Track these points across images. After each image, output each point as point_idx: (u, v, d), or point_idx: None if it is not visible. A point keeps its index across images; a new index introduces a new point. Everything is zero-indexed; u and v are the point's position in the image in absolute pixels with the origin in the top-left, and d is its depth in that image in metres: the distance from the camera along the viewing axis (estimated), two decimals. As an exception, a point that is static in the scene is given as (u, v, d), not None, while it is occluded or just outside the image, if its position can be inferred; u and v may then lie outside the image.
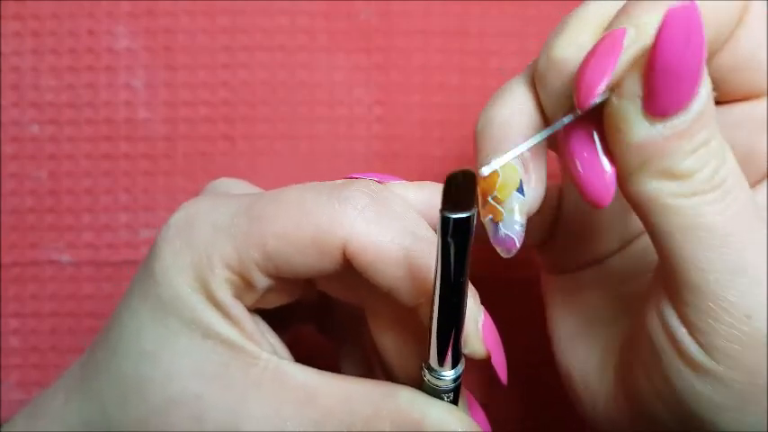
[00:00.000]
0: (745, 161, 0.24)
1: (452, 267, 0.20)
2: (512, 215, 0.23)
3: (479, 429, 0.24)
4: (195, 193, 0.28)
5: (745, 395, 0.22)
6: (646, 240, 0.24)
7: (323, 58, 0.37)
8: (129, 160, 0.37)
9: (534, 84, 0.24)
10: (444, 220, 0.19)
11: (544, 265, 0.30)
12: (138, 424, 0.23)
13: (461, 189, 0.19)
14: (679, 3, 0.20)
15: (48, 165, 0.37)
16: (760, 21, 0.24)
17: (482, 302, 0.24)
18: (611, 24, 0.22)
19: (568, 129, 0.23)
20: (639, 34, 0.21)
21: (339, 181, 0.24)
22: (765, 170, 0.25)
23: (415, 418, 0.23)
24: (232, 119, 0.37)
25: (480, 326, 0.23)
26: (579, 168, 0.22)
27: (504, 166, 0.23)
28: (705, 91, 0.21)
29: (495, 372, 0.24)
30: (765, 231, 0.22)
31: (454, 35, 0.37)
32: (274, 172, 0.37)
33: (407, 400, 0.23)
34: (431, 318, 0.21)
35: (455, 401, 0.24)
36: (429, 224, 0.24)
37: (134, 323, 0.24)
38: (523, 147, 0.23)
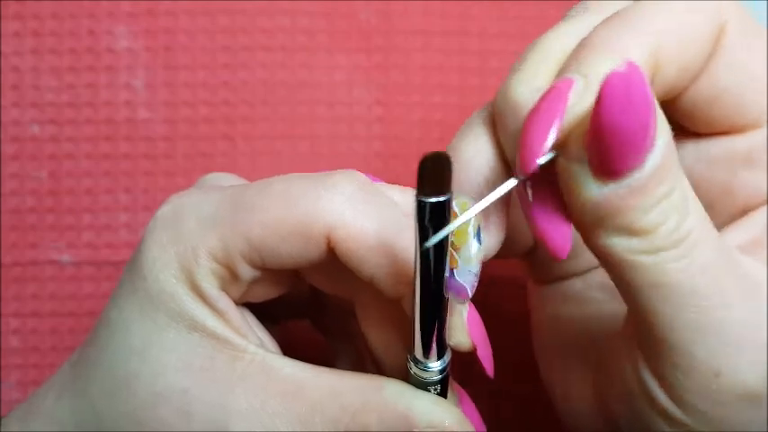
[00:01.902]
0: (721, 197, 0.23)
1: (432, 255, 0.20)
2: (468, 264, 0.21)
3: (467, 421, 0.24)
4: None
5: None
6: None
7: (323, 58, 0.37)
8: (130, 160, 0.37)
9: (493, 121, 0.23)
10: (420, 205, 0.19)
11: (530, 273, 0.29)
12: (127, 419, 0.23)
13: (436, 172, 0.18)
14: (618, 65, 0.19)
15: (48, 165, 0.37)
16: (740, 46, 0.23)
17: (475, 301, 0.24)
18: (563, 68, 0.21)
19: (523, 183, 0.21)
20: (586, 88, 0.20)
21: (327, 173, 0.24)
22: (743, 206, 0.24)
23: (403, 411, 0.23)
24: (232, 119, 0.37)
25: (465, 318, 0.23)
26: (536, 224, 0.21)
27: (463, 207, 0.21)
28: (662, 142, 0.20)
29: (482, 365, 0.24)
30: (734, 283, 0.21)
31: (454, 35, 0.37)
32: (274, 172, 0.36)
33: (395, 392, 0.23)
34: (413, 308, 0.21)
35: (443, 394, 0.24)
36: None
37: (122, 318, 0.24)
38: (466, 216, 0.21)
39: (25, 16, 0.37)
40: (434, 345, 0.22)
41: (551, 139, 0.20)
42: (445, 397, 0.24)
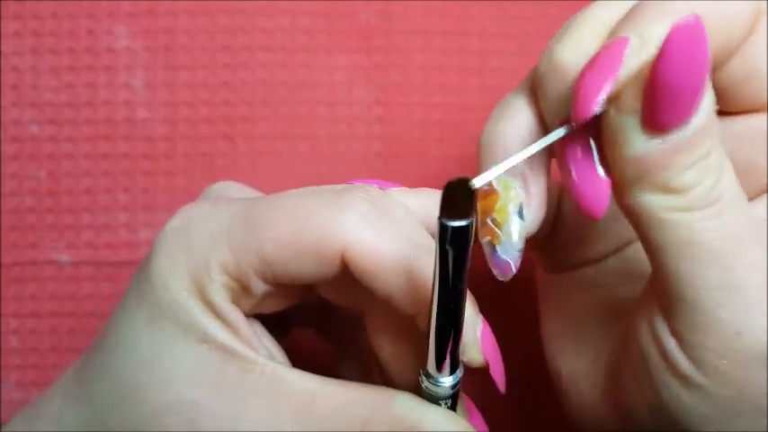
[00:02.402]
0: (745, 174, 0.23)
1: (450, 275, 0.20)
2: (510, 239, 0.22)
3: None
4: (195, 192, 0.28)
5: (733, 410, 0.22)
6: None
7: (323, 58, 0.37)
8: (129, 160, 0.37)
9: (534, 92, 0.24)
10: (442, 228, 0.19)
11: (541, 263, 0.30)
12: (133, 428, 0.23)
13: (460, 196, 0.19)
14: (684, 18, 0.20)
15: (47, 165, 0.37)
16: None
17: (480, 301, 0.24)
18: (615, 30, 0.22)
19: (565, 137, 0.22)
20: (642, 45, 0.21)
21: (339, 186, 0.24)
22: (764, 184, 0.25)
23: (413, 424, 0.23)
24: (232, 119, 0.37)
25: (479, 334, 0.23)
26: (575, 178, 0.22)
27: (504, 187, 0.23)
28: (707, 105, 0.21)
29: (494, 381, 0.24)
30: (760, 250, 0.22)
31: (454, 35, 0.37)
32: (274, 172, 0.37)
33: (405, 405, 0.23)
34: (429, 325, 0.21)
35: (453, 408, 0.24)
36: (429, 231, 0.24)
37: (131, 327, 0.24)
38: (517, 158, 0.22)
39: (25, 16, 0.37)
40: (448, 361, 0.22)
41: (608, 88, 0.21)
42: (455, 410, 0.24)
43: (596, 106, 0.21)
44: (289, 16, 0.37)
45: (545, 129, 0.24)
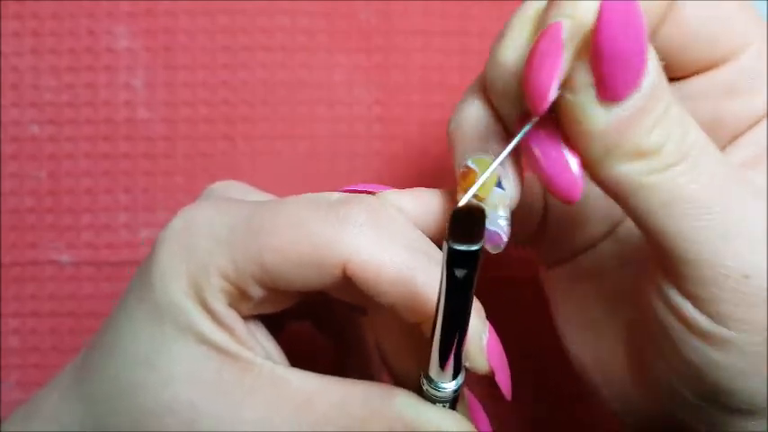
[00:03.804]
0: (711, 128, 0.24)
1: (457, 296, 0.20)
2: (495, 211, 0.23)
3: None
4: (195, 192, 0.28)
5: (763, 356, 0.22)
6: None
7: (323, 58, 0.37)
8: (129, 160, 0.37)
9: (485, 90, 0.24)
10: (450, 252, 0.19)
11: (540, 259, 0.30)
12: (130, 427, 0.23)
13: (469, 222, 0.19)
14: None
15: (47, 165, 0.37)
16: None
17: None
18: (543, 19, 0.22)
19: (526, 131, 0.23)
20: (575, 25, 0.21)
21: (336, 195, 0.24)
22: (731, 134, 0.25)
23: (412, 423, 0.23)
24: (232, 119, 0.37)
25: (484, 343, 0.23)
26: (544, 167, 0.22)
27: (480, 164, 0.23)
28: (653, 64, 0.21)
29: (499, 388, 0.24)
30: (744, 188, 0.22)
31: (454, 35, 0.37)
32: (274, 172, 0.37)
33: (404, 404, 0.23)
34: (432, 334, 0.21)
35: (453, 408, 0.24)
36: (427, 234, 0.24)
37: (130, 327, 0.24)
38: (494, 165, 0.23)
39: (25, 16, 0.37)
40: (450, 367, 0.22)
41: (558, 74, 0.21)
42: (455, 410, 0.24)
43: (550, 96, 0.21)
44: (289, 16, 0.37)
45: (498, 118, 0.24)
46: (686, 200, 0.22)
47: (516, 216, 0.24)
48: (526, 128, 0.22)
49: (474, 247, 0.19)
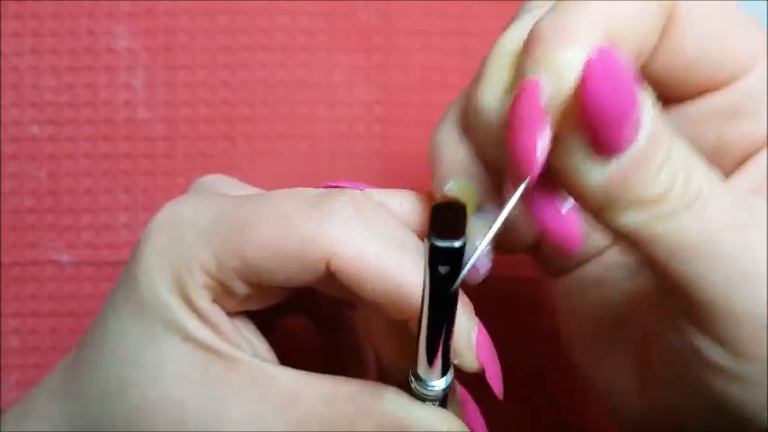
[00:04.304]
0: (715, 153, 0.23)
1: (441, 293, 0.20)
2: (471, 242, 0.21)
3: (467, 430, 0.23)
4: (195, 192, 0.28)
5: None
6: None
7: (323, 58, 0.37)
8: (129, 160, 0.37)
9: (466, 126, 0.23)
10: (432, 249, 0.19)
11: (543, 269, 0.29)
12: (120, 425, 0.23)
13: (451, 217, 0.19)
14: (592, 52, 0.19)
15: (47, 165, 0.37)
16: (696, 8, 0.23)
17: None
18: (519, 67, 0.21)
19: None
20: (555, 85, 0.20)
21: (320, 190, 0.24)
22: (738, 156, 0.24)
23: (401, 422, 0.23)
24: (232, 119, 0.37)
25: (473, 340, 0.23)
26: (542, 223, 0.22)
27: (461, 189, 0.22)
28: (648, 112, 0.20)
29: (491, 386, 0.24)
30: (756, 229, 0.21)
31: (454, 35, 0.37)
32: (274, 172, 0.37)
33: (393, 401, 0.23)
34: (418, 332, 0.21)
35: (443, 406, 0.23)
36: (414, 232, 0.24)
37: (117, 324, 0.24)
38: (490, 235, 0.21)
39: (24, 16, 0.37)
40: (438, 366, 0.22)
41: (543, 140, 0.20)
42: (445, 407, 0.23)
43: (537, 162, 0.20)
44: (289, 16, 0.37)
45: (479, 154, 0.23)
46: (697, 247, 0.21)
47: (514, 226, 0.23)
48: (518, 192, 0.21)
49: (456, 244, 0.18)
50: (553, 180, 0.21)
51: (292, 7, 0.37)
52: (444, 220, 0.19)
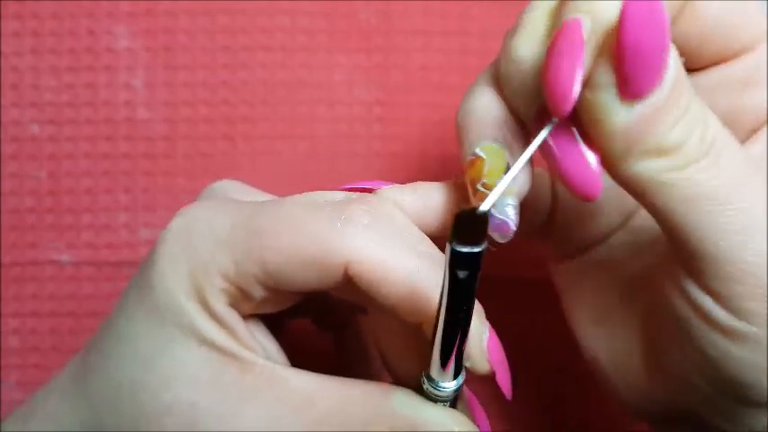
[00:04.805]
0: (729, 121, 0.24)
1: (459, 297, 0.20)
2: (503, 198, 0.23)
3: (477, 430, 0.24)
4: (195, 192, 0.28)
5: None
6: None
7: (323, 58, 0.37)
8: (129, 160, 0.37)
9: (498, 82, 0.24)
10: (453, 254, 0.19)
11: (549, 254, 0.29)
12: (131, 428, 0.23)
13: (472, 225, 0.19)
14: None
15: (47, 165, 0.37)
16: None
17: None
18: (561, 13, 0.22)
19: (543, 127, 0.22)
20: (596, 23, 0.21)
21: (338, 194, 0.24)
22: (750, 126, 0.25)
23: (412, 421, 0.23)
24: (232, 119, 0.37)
25: (485, 344, 0.23)
26: (563, 166, 0.22)
27: (489, 152, 0.23)
28: (673, 61, 0.21)
29: (500, 388, 0.24)
30: (765, 184, 0.22)
31: (454, 35, 0.37)
32: (274, 172, 0.37)
33: (404, 402, 0.23)
34: (434, 335, 0.21)
35: (453, 407, 0.24)
36: (428, 228, 0.24)
37: (130, 328, 0.24)
38: (516, 169, 0.22)
39: (24, 16, 0.37)
40: (451, 368, 0.22)
41: (578, 77, 0.21)
42: (455, 408, 0.24)
43: (573, 97, 0.21)
44: (289, 16, 0.37)
45: (512, 110, 0.24)
46: (707, 197, 0.21)
47: (524, 210, 0.24)
48: (546, 130, 0.22)
49: (477, 249, 0.19)
50: (577, 126, 0.22)
51: (292, 7, 0.37)
52: (466, 226, 0.19)
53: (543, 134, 0.22)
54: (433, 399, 0.23)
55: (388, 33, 0.37)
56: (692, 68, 0.25)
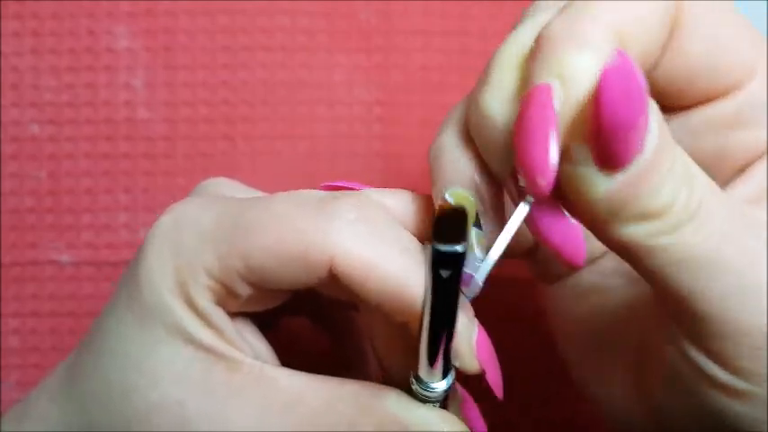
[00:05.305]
0: (715, 160, 0.23)
1: (443, 296, 0.20)
2: (471, 251, 0.21)
3: (467, 431, 0.23)
4: (196, 193, 0.28)
5: None
6: None
7: (323, 58, 0.37)
8: (129, 160, 0.37)
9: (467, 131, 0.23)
10: (435, 253, 0.19)
11: (537, 275, 0.29)
12: (121, 428, 0.23)
13: (453, 222, 0.19)
14: (609, 59, 0.19)
15: (47, 165, 0.37)
16: (702, 15, 0.22)
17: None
18: (529, 72, 0.20)
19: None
20: (567, 91, 0.19)
21: (322, 192, 0.24)
22: (738, 165, 0.24)
23: (402, 423, 0.23)
24: (232, 119, 0.37)
25: (474, 343, 0.23)
26: (550, 239, 0.21)
27: (459, 199, 0.22)
28: (655, 124, 0.20)
29: (491, 387, 0.24)
30: (756, 240, 0.21)
31: (454, 35, 0.37)
32: (274, 172, 0.37)
33: (393, 402, 0.23)
34: (419, 334, 0.21)
35: (444, 407, 0.23)
36: (410, 232, 0.24)
37: (118, 327, 0.24)
38: (495, 254, 0.22)
39: (24, 16, 0.37)
40: (439, 368, 0.22)
41: (555, 149, 0.19)
42: (446, 409, 0.23)
43: (551, 176, 0.19)
44: (289, 16, 0.37)
45: (481, 162, 0.22)
46: (697, 259, 0.20)
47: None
48: (523, 211, 0.21)
49: (458, 248, 0.19)
50: (557, 190, 0.20)
51: (292, 7, 0.37)
52: (447, 226, 0.19)
53: (519, 218, 0.21)
54: (424, 400, 0.23)
55: (388, 33, 0.37)
56: (677, 107, 0.24)
